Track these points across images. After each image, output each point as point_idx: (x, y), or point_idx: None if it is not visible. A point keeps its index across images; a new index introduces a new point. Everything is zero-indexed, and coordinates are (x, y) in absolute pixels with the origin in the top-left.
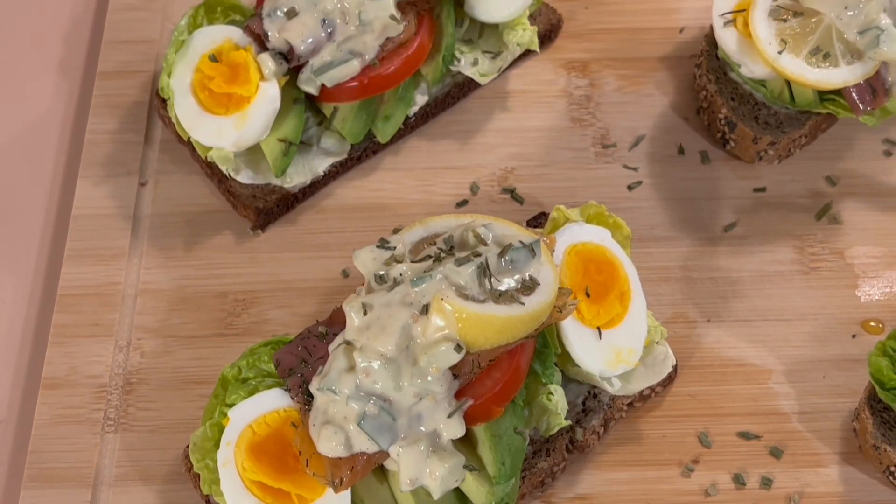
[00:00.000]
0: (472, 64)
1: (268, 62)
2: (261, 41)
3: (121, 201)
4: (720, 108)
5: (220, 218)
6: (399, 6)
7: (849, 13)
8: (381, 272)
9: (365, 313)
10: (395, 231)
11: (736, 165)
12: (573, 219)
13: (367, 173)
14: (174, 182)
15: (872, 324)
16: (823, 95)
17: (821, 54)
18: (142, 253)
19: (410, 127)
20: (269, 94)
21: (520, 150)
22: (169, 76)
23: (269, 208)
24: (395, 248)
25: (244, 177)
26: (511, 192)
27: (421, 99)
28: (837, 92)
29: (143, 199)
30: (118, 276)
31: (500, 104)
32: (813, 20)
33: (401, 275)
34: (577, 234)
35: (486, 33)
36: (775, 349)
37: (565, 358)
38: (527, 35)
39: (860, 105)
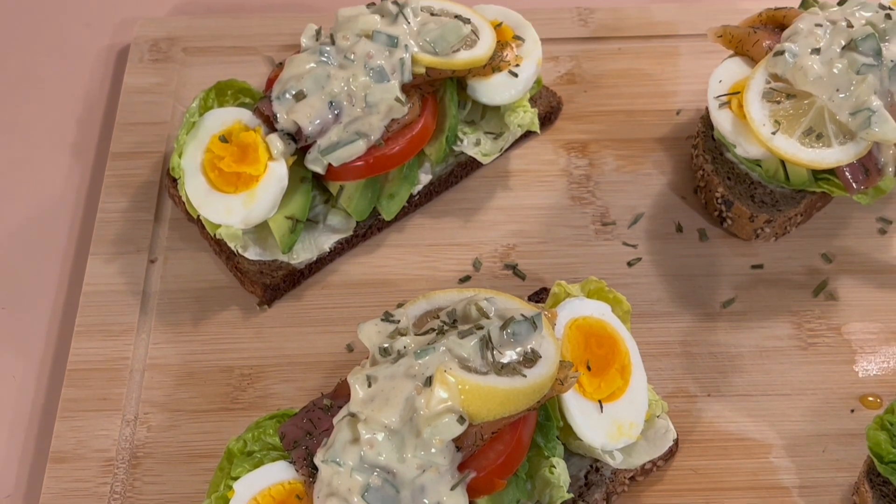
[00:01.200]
0: (474, 144)
1: (276, 142)
2: (270, 122)
3: (130, 278)
4: (717, 187)
5: (227, 294)
6: (404, 89)
7: (840, 95)
8: (386, 345)
9: (369, 385)
10: (400, 306)
11: (733, 243)
12: (574, 294)
13: (372, 250)
14: (183, 259)
15: (871, 398)
16: (818, 175)
17: (814, 135)
18: (150, 328)
19: (414, 205)
20: (277, 173)
21: (521, 227)
22: (180, 156)
23: (276, 284)
24: (399, 321)
25: (252, 253)
26: (513, 267)
27: (425, 178)
28: (831, 171)
29: (153, 275)
30: (127, 351)
31: (502, 183)
32: (805, 102)
33: (405, 347)
34: (578, 308)
35: (488, 115)
36: (775, 424)
37: (567, 431)
38: (528, 117)
39: (854, 184)
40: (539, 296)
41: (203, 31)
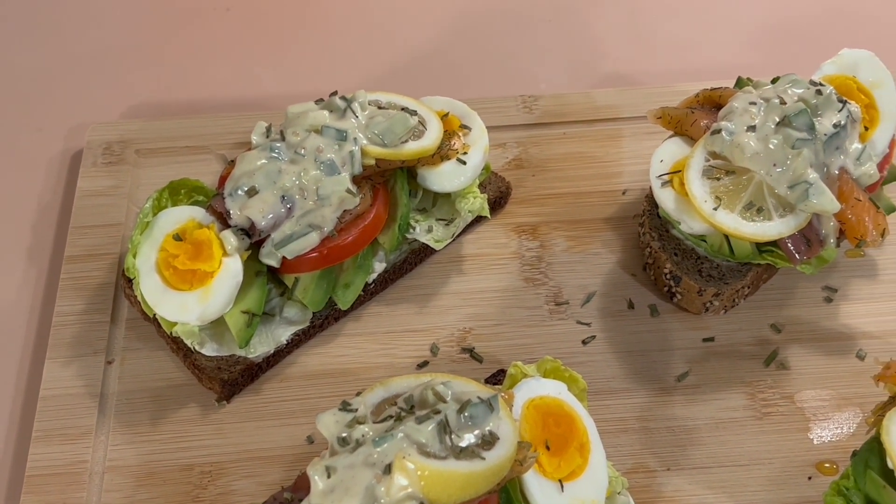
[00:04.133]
0: (426, 231)
1: (230, 238)
2: (223, 219)
3: (88, 380)
4: (665, 263)
5: (185, 391)
6: (355, 180)
7: (778, 170)
8: (344, 434)
9: (329, 476)
10: (358, 394)
11: (684, 317)
12: (530, 374)
13: (330, 340)
14: (140, 359)
15: (826, 465)
16: (762, 247)
17: (754, 209)
18: (109, 430)
19: (370, 293)
20: (231, 269)
21: (477, 310)
22: (134, 256)
23: (234, 379)
24: (356, 409)
25: (209, 349)
26: (470, 351)
27: (379, 266)
28: (774, 243)
29: (110, 376)
30: (85, 455)
31: (456, 268)
32: (744, 177)
33: (363, 436)
34: (535, 388)
35: (439, 202)
36: (734, 495)
37: None
38: (478, 202)
39: (796, 255)
40: (496, 377)
41: (155, 132)
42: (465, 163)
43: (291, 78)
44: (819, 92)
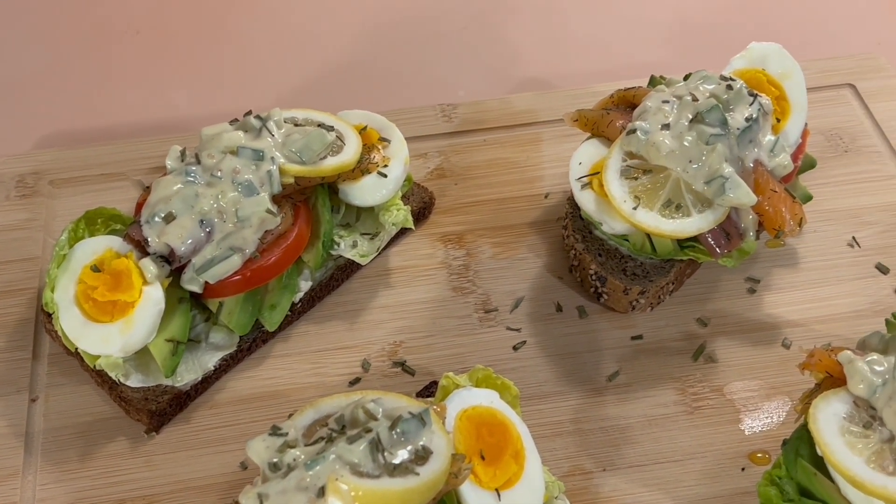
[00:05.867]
0: (351, 246)
1: (149, 266)
2: (141, 247)
3: (12, 420)
4: (590, 264)
5: (113, 425)
6: (275, 200)
7: (693, 166)
8: (275, 459)
9: (261, 503)
10: (290, 417)
11: (612, 317)
12: (462, 384)
13: (259, 363)
14: (65, 394)
15: (759, 455)
16: (683, 243)
17: (673, 206)
18: (36, 469)
19: (297, 313)
20: (152, 297)
21: (406, 323)
22: (53, 290)
23: (162, 409)
24: (287, 433)
25: (134, 381)
26: (402, 364)
27: (305, 285)
28: (695, 239)
29: (35, 414)
30: (13, 496)
31: (384, 281)
32: (662, 175)
33: (294, 460)
34: (467, 398)
35: (362, 216)
36: (670, 491)
37: None
38: (401, 214)
39: (717, 249)
40: (429, 390)
41: (69, 161)
42: (385, 175)
43: (206, 99)
44: (730, 87)
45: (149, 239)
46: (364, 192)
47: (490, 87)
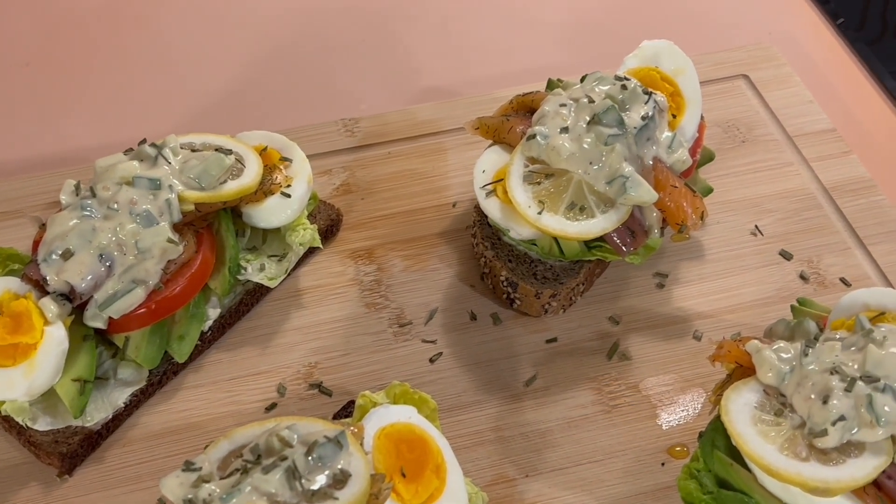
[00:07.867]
0: (259, 270)
1: (50, 306)
2: (40, 286)
3: None
4: (500, 270)
5: (24, 470)
6: (176, 228)
7: (594, 167)
8: (190, 496)
9: None
10: (205, 449)
11: (525, 321)
12: (380, 401)
13: (171, 395)
14: None
15: (678, 449)
16: (590, 244)
17: (577, 208)
18: None
19: (208, 341)
20: (55, 337)
21: (321, 343)
22: None
23: (74, 451)
24: (200, 468)
25: (42, 424)
26: (318, 386)
27: (214, 312)
28: (601, 239)
29: None
30: None
31: (295, 303)
32: (564, 179)
33: (210, 495)
34: (384, 416)
35: (269, 238)
36: (593, 492)
37: None
38: (308, 234)
39: (623, 248)
40: (347, 409)
41: None
42: (289, 195)
43: (102, 129)
44: (624, 87)
45: (47, 277)
46: (268, 213)
47: (392, 98)
